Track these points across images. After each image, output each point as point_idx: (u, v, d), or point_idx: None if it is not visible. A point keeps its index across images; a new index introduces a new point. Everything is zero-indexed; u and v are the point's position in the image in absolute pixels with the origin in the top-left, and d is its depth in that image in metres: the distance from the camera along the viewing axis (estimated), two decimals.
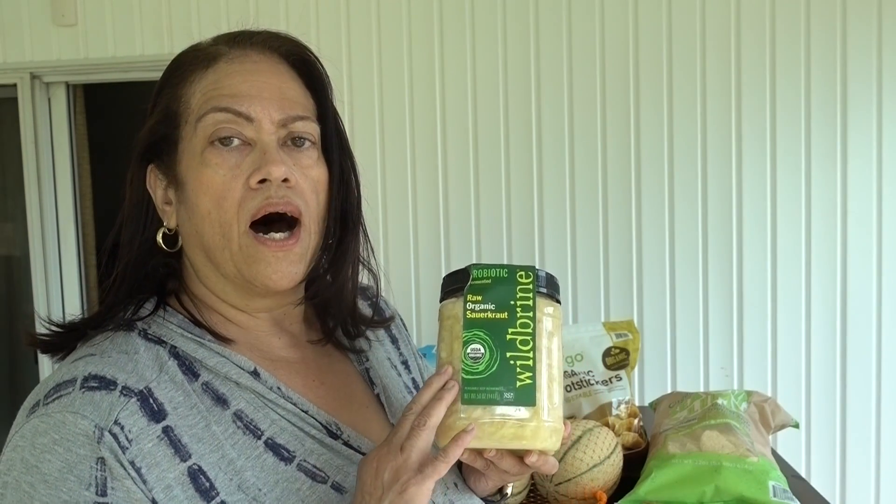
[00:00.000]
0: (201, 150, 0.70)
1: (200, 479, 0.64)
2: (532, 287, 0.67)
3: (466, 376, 0.65)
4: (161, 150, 0.74)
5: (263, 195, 0.69)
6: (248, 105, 0.70)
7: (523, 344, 0.65)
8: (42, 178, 2.64)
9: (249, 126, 0.70)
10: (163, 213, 0.74)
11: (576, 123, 2.39)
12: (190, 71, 0.73)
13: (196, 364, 0.70)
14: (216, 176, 0.69)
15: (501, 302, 0.66)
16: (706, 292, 2.37)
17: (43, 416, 0.62)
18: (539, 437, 0.66)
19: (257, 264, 0.70)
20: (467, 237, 2.45)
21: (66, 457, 0.60)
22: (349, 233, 0.79)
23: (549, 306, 0.68)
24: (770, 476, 1.16)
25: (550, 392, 0.66)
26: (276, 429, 0.70)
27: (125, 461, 0.61)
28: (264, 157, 0.69)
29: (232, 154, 0.70)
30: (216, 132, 0.70)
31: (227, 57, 0.73)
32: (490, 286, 0.67)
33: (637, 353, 1.54)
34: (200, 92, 0.71)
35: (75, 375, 0.65)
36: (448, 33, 2.43)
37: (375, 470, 0.65)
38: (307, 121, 0.74)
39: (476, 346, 0.65)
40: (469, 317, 0.66)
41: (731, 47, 2.32)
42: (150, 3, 2.51)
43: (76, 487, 0.60)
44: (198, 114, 0.71)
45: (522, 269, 0.68)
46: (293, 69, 0.76)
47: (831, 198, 2.31)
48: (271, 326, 0.78)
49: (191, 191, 0.71)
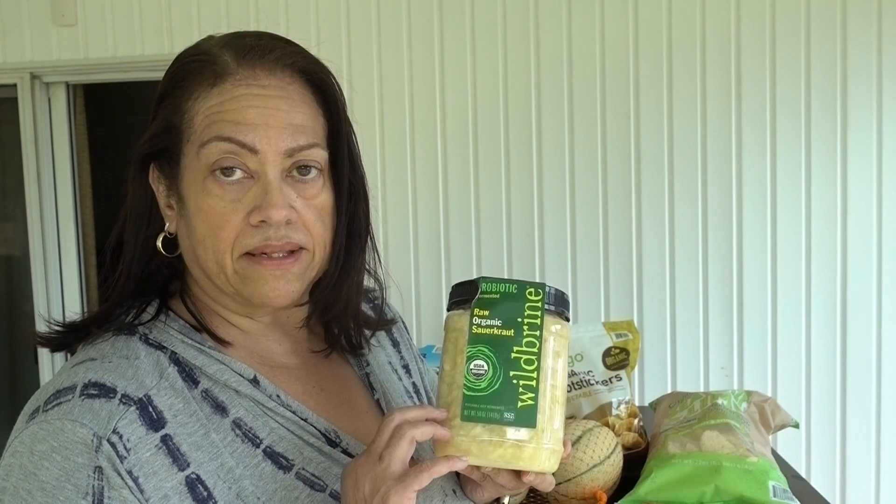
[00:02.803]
0: (203, 177, 0.68)
1: (198, 489, 0.64)
2: (541, 305, 0.66)
3: (468, 392, 0.64)
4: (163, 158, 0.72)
5: (262, 235, 0.68)
6: (254, 135, 0.67)
7: (528, 364, 0.64)
8: (42, 178, 2.64)
9: (253, 158, 0.68)
10: (165, 215, 0.74)
11: (576, 123, 2.39)
12: (195, 85, 0.70)
13: (196, 371, 0.70)
14: (216, 206, 0.68)
15: (508, 319, 0.65)
16: (706, 292, 2.37)
17: (42, 423, 0.62)
18: (537, 460, 0.65)
19: (255, 283, 0.69)
20: (467, 237, 2.45)
21: (64, 465, 0.60)
22: (356, 244, 0.77)
23: (556, 324, 0.67)
24: (770, 476, 1.16)
25: (552, 414, 0.66)
26: (275, 437, 0.70)
27: (122, 470, 0.61)
28: (266, 199, 0.67)
29: (233, 187, 0.68)
30: (219, 161, 0.67)
31: (234, 77, 0.69)
32: (498, 301, 0.66)
33: (637, 353, 1.54)
34: (204, 113, 0.69)
35: (75, 382, 0.65)
36: (448, 33, 2.42)
37: (355, 481, 0.64)
38: (315, 148, 0.71)
39: (480, 362, 0.64)
40: (474, 332, 0.65)
41: (731, 47, 2.32)
42: (150, 3, 2.51)
43: (73, 496, 0.60)
44: (201, 138, 0.68)
45: (532, 285, 0.66)
46: (306, 87, 0.72)
47: (831, 198, 2.31)
48: (273, 331, 0.78)
49: (191, 212, 0.70)
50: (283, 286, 0.69)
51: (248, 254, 0.68)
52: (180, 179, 0.71)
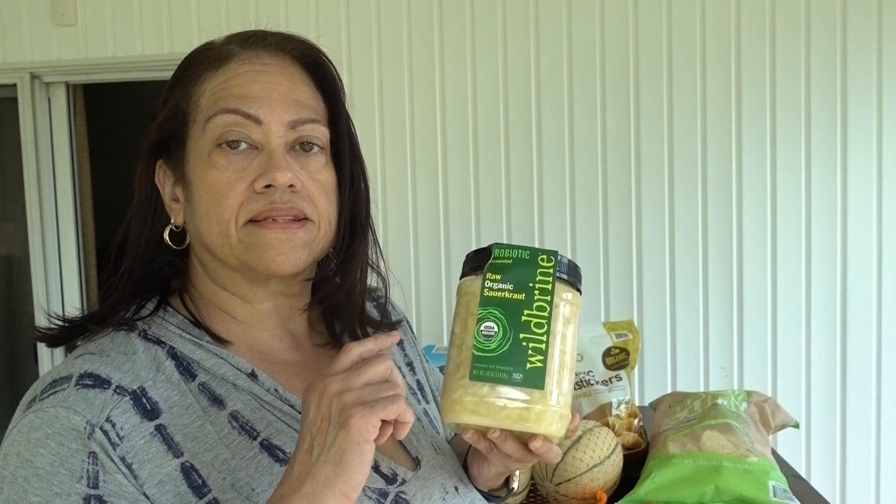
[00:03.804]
0: (208, 151, 0.70)
1: (193, 476, 0.65)
2: (552, 271, 0.66)
3: (477, 353, 0.64)
4: (170, 148, 0.74)
5: (267, 199, 0.69)
6: (258, 107, 0.70)
7: (538, 327, 0.64)
8: (42, 178, 2.64)
9: (258, 129, 0.70)
10: (170, 210, 0.75)
11: (576, 123, 2.39)
12: (201, 70, 0.73)
13: (193, 365, 0.71)
14: (221, 177, 0.69)
15: (520, 283, 0.65)
16: (706, 292, 2.37)
17: (38, 412, 0.63)
18: (544, 421, 0.65)
19: (260, 249, 0.69)
20: (467, 237, 2.45)
21: (58, 450, 0.61)
22: (358, 236, 0.78)
23: (568, 292, 0.67)
24: (770, 476, 1.16)
25: (560, 378, 0.65)
26: (272, 430, 0.70)
27: (115, 457, 0.62)
28: (270, 163, 0.69)
29: (239, 157, 0.70)
30: (224, 134, 0.70)
31: (238, 57, 0.72)
32: (510, 266, 0.66)
33: (637, 353, 1.54)
34: (210, 91, 0.71)
35: (71, 373, 0.66)
36: (448, 33, 2.42)
37: (320, 395, 0.61)
38: (317, 124, 0.73)
39: (490, 323, 0.64)
40: (486, 294, 0.65)
41: (731, 47, 2.32)
42: (150, 3, 2.51)
43: (67, 480, 0.60)
44: (207, 114, 0.71)
45: (545, 252, 0.67)
46: (306, 72, 0.75)
47: (831, 198, 2.31)
48: (275, 327, 0.78)
49: (195, 190, 0.71)
50: (290, 251, 0.70)
51: (252, 221, 0.69)
52: (186, 162, 0.72)
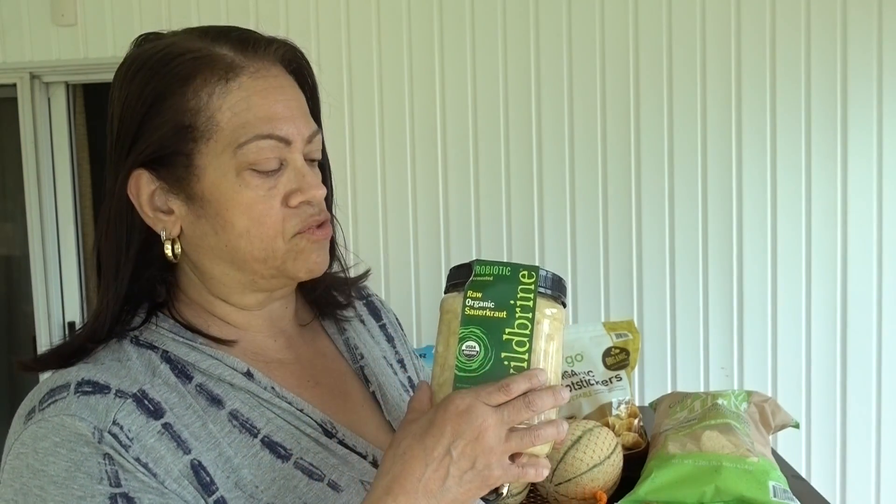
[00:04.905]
0: (237, 171, 0.69)
1: (202, 473, 0.65)
2: (534, 287, 0.65)
3: (459, 373, 0.64)
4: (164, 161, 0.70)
5: (306, 213, 0.72)
6: (286, 128, 0.71)
7: (519, 345, 0.64)
8: (42, 178, 2.64)
9: (286, 148, 0.71)
10: (156, 221, 0.71)
11: (576, 123, 2.39)
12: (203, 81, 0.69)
13: (189, 367, 0.70)
14: (257, 197, 0.70)
15: (501, 300, 0.65)
16: (706, 292, 2.37)
17: (41, 422, 0.62)
18: None
19: (304, 254, 0.72)
20: (467, 237, 2.45)
21: (71, 456, 0.61)
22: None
23: (550, 308, 0.66)
24: (770, 476, 1.16)
25: None
26: (273, 427, 0.70)
27: (130, 458, 0.62)
28: (304, 180, 0.72)
29: (270, 177, 0.71)
30: (263, 163, 0.70)
31: (247, 70, 0.70)
32: (491, 283, 0.65)
33: (637, 353, 1.54)
34: (230, 111, 0.68)
35: (68, 381, 0.65)
36: (448, 33, 2.42)
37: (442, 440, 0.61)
38: (319, 133, 0.76)
39: (471, 343, 0.64)
40: (467, 313, 0.65)
41: (731, 47, 2.32)
42: (150, 3, 2.51)
43: (88, 483, 0.60)
44: (236, 138, 0.68)
45: (526, 268, 0.66)
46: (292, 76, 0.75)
47: (831, 198, 2.31)
48: (267, 328, 0.78)
49: (222, 209, 0.69)
50: (323, 256, 0.75)
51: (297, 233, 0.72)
52: (195, 179, 0.69)
